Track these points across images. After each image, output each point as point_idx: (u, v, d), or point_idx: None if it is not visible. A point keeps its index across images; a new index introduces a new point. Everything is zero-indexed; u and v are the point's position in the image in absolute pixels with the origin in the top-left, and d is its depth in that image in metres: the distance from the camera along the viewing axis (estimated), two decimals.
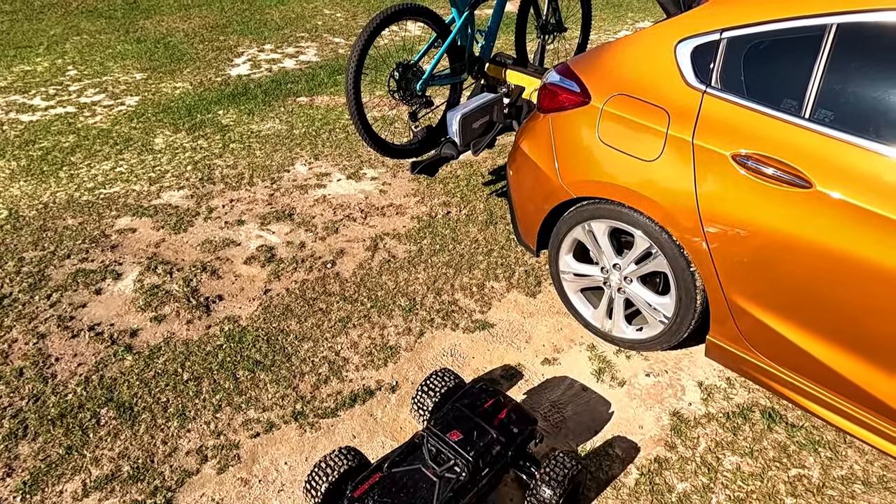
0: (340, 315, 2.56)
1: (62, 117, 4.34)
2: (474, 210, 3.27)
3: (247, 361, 2.33)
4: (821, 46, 1.62)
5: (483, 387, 1.92)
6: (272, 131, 4.14)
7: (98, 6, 7.01)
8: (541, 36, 3.64)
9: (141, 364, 2.32)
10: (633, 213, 2.04)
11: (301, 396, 2.19)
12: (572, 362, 2.34)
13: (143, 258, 2.90)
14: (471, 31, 3.19)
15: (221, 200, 3.36)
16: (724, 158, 1.76)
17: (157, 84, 4.90)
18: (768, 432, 2.04)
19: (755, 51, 1.76)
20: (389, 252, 2.95)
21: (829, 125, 1.61)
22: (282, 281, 2.76)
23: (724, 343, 1.99)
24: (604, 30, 6.03)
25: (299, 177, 3.60)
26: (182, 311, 2.58)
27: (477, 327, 2.50)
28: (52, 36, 6.01)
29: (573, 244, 2.34)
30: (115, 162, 3.75)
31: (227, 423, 2.09)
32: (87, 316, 2.56)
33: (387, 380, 2.27)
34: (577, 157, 2.16)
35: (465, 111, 2.98)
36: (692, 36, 1.87)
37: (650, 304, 2.18)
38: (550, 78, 2.27)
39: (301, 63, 5.35)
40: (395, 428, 2.09)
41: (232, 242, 3.02)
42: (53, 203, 3.33)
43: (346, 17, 6.62)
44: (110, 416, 2.11)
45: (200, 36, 6.02)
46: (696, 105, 1.83)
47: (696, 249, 1.89)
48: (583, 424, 2.09)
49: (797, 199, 1.64)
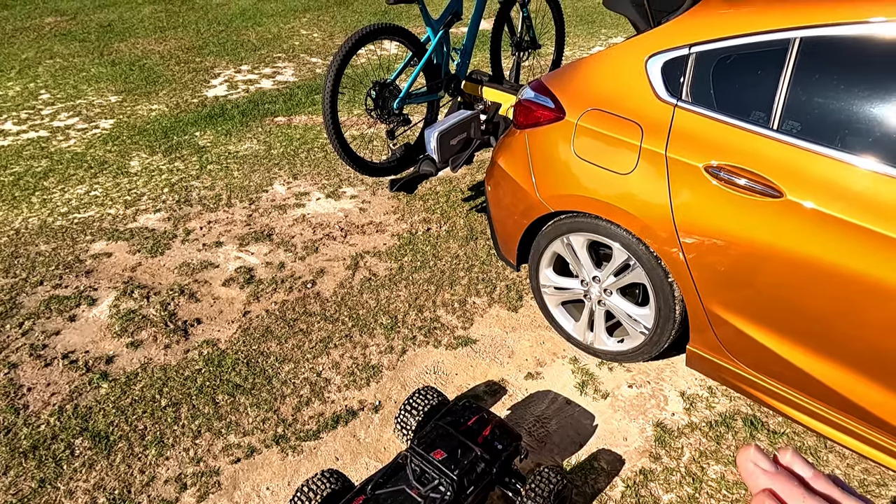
0: (321, 335, 2.54)
1: (34, 141, 4.28)
2: (454, 226, 3.28)
3: (226, 385, 2.29)
4: (785, 60, 1.66)
5: (466, 404, 1.91)
6: (250, 152, 4.12)
7: (71, 29, 6.95)
8: (515, 53, 3.68)
9: (117, 391, 2.27)
10: (610, 225, 2.06)
11: (282, 419, 2.16)
12: (555, 376, 2.34)
13: (118, 283, 2.85)
14: (446, 50, 3.22)
15: (199, 222, 3.32)
16: (697, 170, 1.79)
17: (132, 106, 4.86)
18: (751, 440, 2.06)
19: (723, 65, 1.80)
20: (370, 270, 2.94)
21: (797, 136, 1.65)
22: (261, 302, 2.73)
23: (705, 352, 2.01)
24: (578, 45, 6.13)
25: (278, 197, 3.58)
26: (159, 335, 2.54)
27: (459, 343, 2.50)
28: (25, 60, 5.95)
29: (553, 258, 2.35)
30: (89, 186, 3.70)
31: (207, 450, 2.05)
32: (61, 344, 2.50)
33: (369, 399, 2.24)
34: (553, 172, 2.17)
35: (442, 128, 3.00)
36: (662, 51, 1.90)
37: (630, 315, 2.20)
38: (525, 94, 2.29)
39: (278, 83, 5.35)
40: (379, 448, 2.06)
41: (210, 264, 2.98)
42: (25, 229, 3.27)
43: (324, 37, 6.65)
44: (85, 447, 2.05)
45: (176, 58, 6.00)
46: (668, 118, 1.87)
47: (674, 260, 1.91)
48: (567, 438, 2.09)
49: (769, 208, 1.67)
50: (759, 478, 0.38)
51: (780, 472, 0.38)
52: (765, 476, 0.38)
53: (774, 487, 0.37)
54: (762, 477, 0.38)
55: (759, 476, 0.38)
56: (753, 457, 0.39)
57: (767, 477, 0.38)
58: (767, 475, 0.38)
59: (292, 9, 7.80)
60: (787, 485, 0.37)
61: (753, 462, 0.39)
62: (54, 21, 7.32)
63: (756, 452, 0.40)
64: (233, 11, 7.70)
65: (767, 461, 0.39)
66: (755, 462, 0.39)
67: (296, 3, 8.10)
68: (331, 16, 7.46)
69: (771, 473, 0.38)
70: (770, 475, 0.38)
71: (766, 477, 0.38)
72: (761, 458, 0.39)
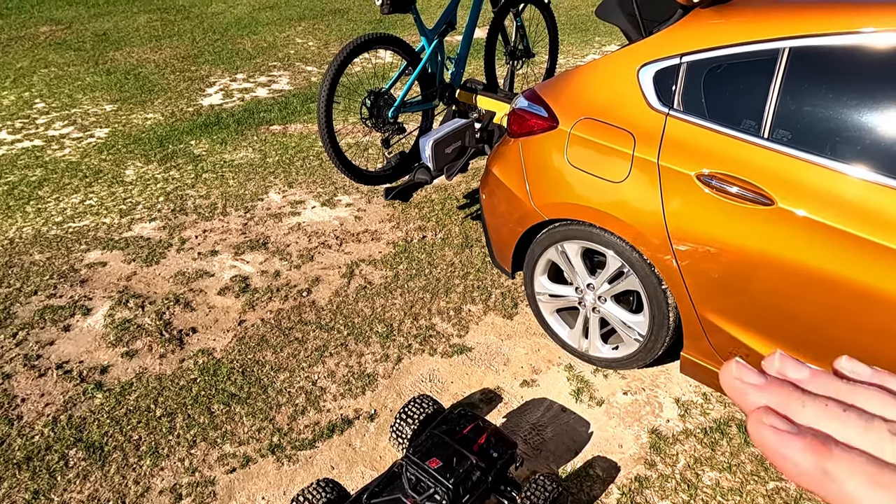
0: (317, 344, 2.54)
1: (29, 151, 4.27)
2: (450, 234, 3.29)
3: (222, 395, 2.29)
4: (775, 69, 1.68)
5: (462, 412, 1.91)
6: (245, 160, 4.12)
7: (67, 38, 6.96)
8: (509, 62, 3.71)
9: (112, 401, 2.26)
10: (603, 233, 2.07)
11: (278, 428, 2.16)
12: (551, 383, 2.34)
13: (113, 292, 2.84)
14: (441, 59, 3.24)
15: (194, 231, 3.33)
16: (689, 178, 1.80)
17: (127, 115, 4.86)
18: (745, 446, 2.07)
19: (714, 74, 1.82)
20: (365, 278, 2.94)
21: (788, 144, 1.67)
22: (257, 311, 2.73)
23: (699, 359, 2.02)
24: (572, 54, 6.17)
25: (273, 205, 3.58)
26: (154, 345, 2.53)
27: (455, 351, 2.50)
28: (19, 69, 5.95)
29: (547, 265, 2.36)
30: (84, 195, 3.69)
31: (202, 459, 2.04)
32: (55, 354, 2.49)
33: (365, 408, 2.24)
34: (547, 180, 2.19)
35: (437, 137, 3.01)
36: (654, 61, 1.93)
37: (625, 322, 2.21)
38: (519, 103, 2.31)
39: (274, 92, 5.36)
40: (375, 457, 2.06)
41: (205, 273, 2.98)
42: (20, 238, 3.26)
43: (319, 46, 6.67)
44: (79, 458, 2.05)
45: (171, 66, 6.01)
46: (660, 127, 1.88)
47: (667, 267, 1.92)
48: (563, 446, 2.09)
49: (760, 216, 1.68)
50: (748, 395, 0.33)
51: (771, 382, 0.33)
52: (755, 391, 0.33)
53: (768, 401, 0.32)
54: (752, 393, 0.32)
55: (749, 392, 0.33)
56: (737, 373, 0.33)
57: (757, 391, 0.32)
58: (757, 389, 0.33)
59: (288, 17, 7.83)
60: (781, 394, 0.32)
61: (739, 379, 0.33)
62: (49, 30, 7.33)
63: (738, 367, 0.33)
64: (228, 20, 7.72)
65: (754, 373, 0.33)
66: (741, 378, 0.33)
67: (291, 11, 8.13)
68: (326, 24, 7.49)
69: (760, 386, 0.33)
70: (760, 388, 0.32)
71: (756, 392, 0.32)
72: (746, 371, 0.33)
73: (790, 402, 0.31)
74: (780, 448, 0.29)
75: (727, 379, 0.34)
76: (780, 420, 0.30)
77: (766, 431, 0.30)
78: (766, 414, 0.31)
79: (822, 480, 0.28)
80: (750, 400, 0.32)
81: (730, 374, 0.34)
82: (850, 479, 0.27)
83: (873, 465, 0.27)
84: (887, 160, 1.53)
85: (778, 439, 0.29)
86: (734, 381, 0.33)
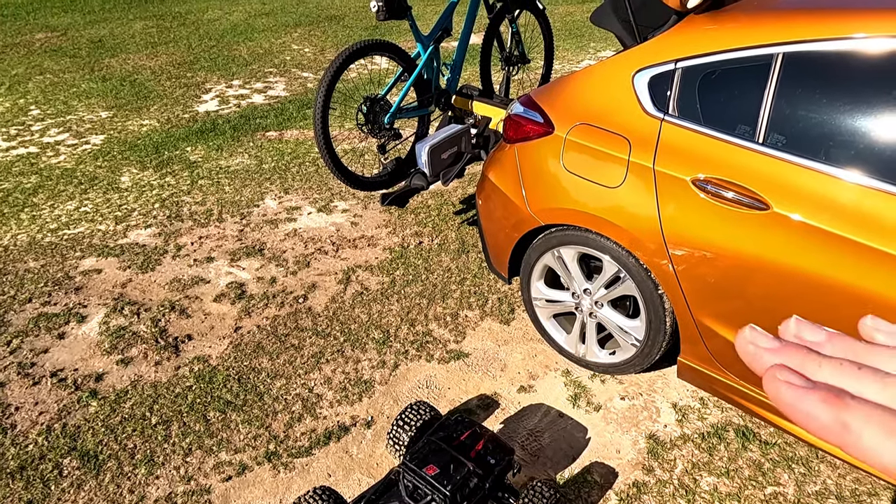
0: (313, 350, 2.53)
1: (24, 158, 4.26)
2: (446, 239, 3.29)
3: (217, 402, 2.28)
4: (769, 74, 1.69)
5: (459, 418, 1.90)
6: (241, 166, 4.12)
7: (62, 45, 6.96)
8: (505, 68, 3.72)
9: (106, 409, 2.25)
10: (600, 238, 2.08)
11: (274, 436, 2.14)
12: (548, 389, 2.34)
13: (108, 299, 2.83)
14: (436, 65, 3.25)
15: (190, 238, 3.32)
16: (685, 183, 1.81)
17: (123, 122, 4.86)
18: (743, 451, 2.06)
19: (708, 79, 1.83)
20: (362, 284, 2.94)
21: (782, 149, 1.68)
22: (253, 318, 2.72)
23: (696, 364, 2.02)
24: (567, 59, 6.19)
25: (269, 211, 3.58)
26: (150, 352, 2.52)
27: (452, 357, 2.49)
28: (15, 76, 5.94)
29: (544, 270, 2.36)
30: (79, 202, 3.68)
31: (198, 468, 2.03)
32: (50, 361, 2.48)
33: (362, 415, 2.23)
34: (543, 186, 2.19)
35: (433, 142, 3.02)
36: (648, 66, 1.93)
37: (621, 327, 2.21)
38: (514, 109, 2.32)
39: (270, 98, 5.37)
40: (372, 464, 2.05)
41: (201, 280, 2.97)
42: (14, 246, 3.25)
43: (315, 52, 6.68)
44: (74, 467, 2.03)
45: (167, 73, 6.01)
46: (656, 132, 1.89)
47: (663, 272, 1.92)
48: (560, 452, 2.08)
49: (756, 220, 1.69)
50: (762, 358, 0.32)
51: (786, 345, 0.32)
52: (769, 354, 0.32)
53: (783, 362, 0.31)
54: (766, 356, 0.32)
55: (763, 356, 0.32)
56: (751, 337, 0.33)
57: (772, 354, 0.32)
58: (771, 352, 0.32)
59: (284, 24, 7.84)
60: (797, 356, 0.32)
61: (753, 343, 0.33)
62: (45, 37, 7.33)
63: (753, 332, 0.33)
64: (224, 27, 7.73)
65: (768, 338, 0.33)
66: (755, 343, 0.33)
67: (287, 18, 8.15)
68: (322, 31, 7.51)
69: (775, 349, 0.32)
70: (774, 351, 0.32)
71: (770, 354, 0.32)
72: (760, 335, 0.33)
73: (806, 363, 0.31)
74: (797, 403, 0.29)
75: (741, 344, 0.33)
76: (796, 376, 0.30)
77: (783, 387, 0.30)
78: (780, 370, 0.30)
79: (840, 432, 0.28)
80: (765, 362, 0.32)
81: (744, 339, 0.33)
82: (866, 430, 0.27)
83: (890, 415, 0.27)
84: (881, 164, 1.54)
85: (794, 394, 0.29)
86: (748, 346, 0.33)
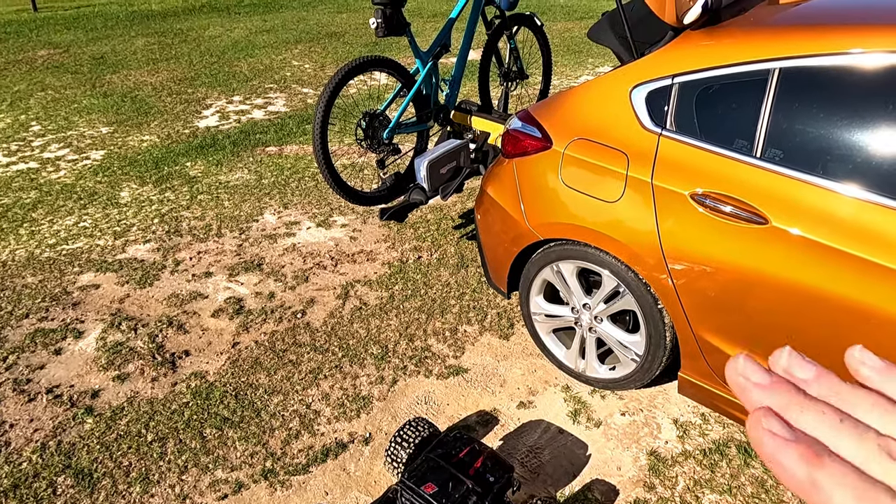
0: (311, 366, 2.51)
1: (24, 173, 4.27)
2: (445, 254, 3.28)
3: (214, 419, 2.26)
4: (766, 89, 1.70)
5: (458, 435, 1.88)
6: (241, 181, 4.13)
7: (64, 62, 7.01)
8: (503, 83, 3.74)
9: (102, 427, 2.22)
10: (599, 253, 2.07)
11: (271, 453, 2.12)
12: (548, 404, 2.32)
13: (106, 315, 2.82)
14: (435, 80, 3.27)
15: (188, 253, 3.31)
16: (683, 198, 1.81)
17: (123, 137, 4.87)
18: (745, 467, 2.04)
19: (705, 94, 1.84)
20: (361, 299, 2.93)
21: (780, 163, 1.68)
22: (250, 333, 2.71)
23: (696, 379, 2.00)
24: (566, 75, 6.23)
25: (268, 226, 3.58)
26: (147, 368, 2.50)
27: (451, 373, 2.47)
28: (16, 92, 5.97)
29: (543, 285, 2.35)
30: (78, 217, 3.68)
31: (194, 486, 2.00)
32: (46, 378, 2.46)
33: (360, 432, 2.21)
34: (542, 200, 2.19)
35: (432, 157, 3.02)
36: (646, 82, 1.94)
37: (621, 342, 2.19)
38: (513, 124, 2.32)
39: (270, 113, 5.39)
40: (370, 482, 2.02)
41: (199, 295, 2.96)
42: (12, 261, 3.24)
43: (315, 68, 6.73)
44: (68, 485, 2.00)
45: (168, 89, 6.04)
46: (653, 147, 1.89)
47: (663, 287, 1.91)
48: (561, 469, 2.06)
49: (754, 235, 1.68)
50: (751, 393, 0.33)
51: (775, 382, 0.33)
52: (758, 390, 0.32)
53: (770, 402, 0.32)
54: (755, 392, 0.32)
55: (752, 391, 0.33)
56: (742, 369, 0.33)
57: (760, 390, 0.32)
58: (760, 389, 0.32)
59: (284, 40, 7.91)
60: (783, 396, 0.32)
61: (743, 376, 0.33)
62: (47, 54, 7.38)
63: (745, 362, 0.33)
64: (225, 43, 7.79)
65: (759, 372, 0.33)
66: (745, 376, 0.33)
67: (287, 34, 8.22)
68: (322, 47, 7.57)
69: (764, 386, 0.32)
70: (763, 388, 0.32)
71: (758, 391, 0.32)
72: (752, 369, 0.33)
73: (790, 406, 0.32)
74: (776, 454, 0.30)
75: (732, 375, 0.34)
76: (779, 424, 0.31)
77: (765, 436, 0.31)
78: (765, 416, 0.31)
79: (810, 490, 0.29)
80: (752, 398, 0.33)
81: (735, 370, 0.34)
82: (836, 492, 0.28)
83: (860, 480, 0.28)
84: (879, 179, 1.54)
85: (774, 444, 0.30)
86: (738, 378, 0.34)
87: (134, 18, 9.46)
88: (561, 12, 9.27)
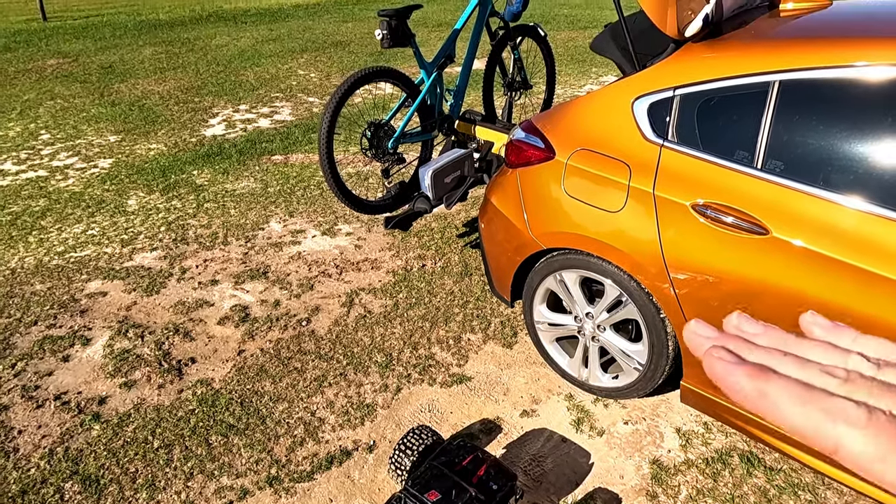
0: (316, 374, 2.53)
1: (33, 181, 4.32)
2: (449, 262, 3.30)
3: (220, 426, 2.27)
4: (766, 101, 1.72)
5: (461, 443, 1.90)
6: (247, 190, 4.16)
7: (73, 71, 7.09)
8: (507, 93, 3.77)
9: (109, 433, 2.25)
10: (601, 262, 2.09)
11: (276, 460, 2.14)
12: (551, 413, 2.33)
13: (113, 322, 2.85)
14: (440, 90, 3.30)
15: (195, 261, 3.34)
16: (685, 208, 1.82)
17: (131, 146, 4.93)
18: (748, 477, 2.04)
19: (707, 106, 1.86)
20: (365, 307, 2.95)
21: (780, 174, 1.69)
22: (256, 341, 2.73)
23: (699, 388, 2.01)
24: (569, 84, 6.27)
25: (274, 234, 3.61)
26: (153, 375, 2.52)
27: (454, 381, 2.49)
28: (26, 101, 6.05)
29: (546, 294, 2.37)
30: (86, 225, 3.72)
31: (199, 492, 2.02)
32: (54, 385, 2.49)
33: (364, 439, 2.23)
34: (545, 210, 2.21)
35: (436, 166, 3.05)
36: (648, 93, 1.96)
37: (624, 351, 2.21)
38: (516, 134, 2.35)
39: (276, 122, 5.44)
40: (374, 489, 2.04)
41: (205, 303, 2.99)
42: (21, 269, 3.28)
43: (320, 77, 6.79)
44: (75, 490, 2.02)
45: (175, 98, 6.11)
46: (655, 158, 1.91)
47: (665, 296, 1.93)
48: (563, 477, 2.07)
49: (755, 245, 1.70)
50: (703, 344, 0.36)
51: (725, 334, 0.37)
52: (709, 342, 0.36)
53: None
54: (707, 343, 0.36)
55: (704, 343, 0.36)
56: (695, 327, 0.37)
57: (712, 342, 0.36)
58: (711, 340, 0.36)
59: (290, 50, 7.98)
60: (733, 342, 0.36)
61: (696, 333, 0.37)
62: (56, 63, 7.47)
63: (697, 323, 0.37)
64: (232, 52, 7.87)
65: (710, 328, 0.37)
66: (696, 332, 0.37)
67: (293, 44, 8.30)
68: (328, 56, 7.64)
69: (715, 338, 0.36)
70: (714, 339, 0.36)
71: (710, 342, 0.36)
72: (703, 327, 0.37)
73: (740, 348, 0.36)
74: (727, 375, 0.34)
75: (687, 333, 0.38)
76: (729, 355, 0.35)
77: (717, 362, 0.34)
78: (717, 349, 0.35)
79: (758, 399, 0.32)
80: (705, 349, 0.37)
81: (689, 329, 0.38)
82: (781, 397, 0.32)
83: (803, 388, 0.32)
84: (880, 191, 1.55)
85: (725, 367, 0.34)
86: (692, 335, 0.38)
87: (142, 28, 9.56)
88: (565, 21, 9.33)
